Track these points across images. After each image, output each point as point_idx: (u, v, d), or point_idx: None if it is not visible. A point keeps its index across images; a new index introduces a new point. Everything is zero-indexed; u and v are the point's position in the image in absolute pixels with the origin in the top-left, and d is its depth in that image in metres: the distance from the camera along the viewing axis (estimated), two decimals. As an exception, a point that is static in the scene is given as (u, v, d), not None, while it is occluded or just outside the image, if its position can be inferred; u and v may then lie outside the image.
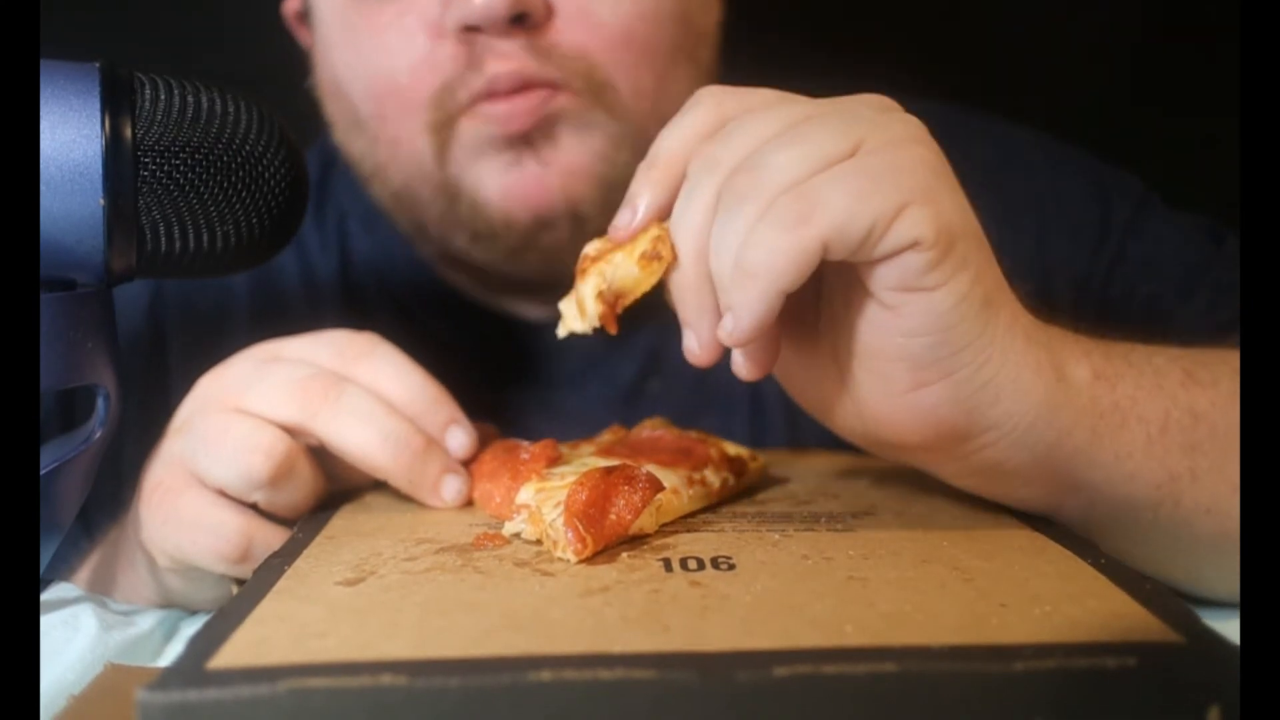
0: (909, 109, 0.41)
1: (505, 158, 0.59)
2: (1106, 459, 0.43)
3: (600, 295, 0.42)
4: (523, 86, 0.57)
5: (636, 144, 0.60)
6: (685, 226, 0.41)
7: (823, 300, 0.43)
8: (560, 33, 0.57)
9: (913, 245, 0.37)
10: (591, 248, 0.44)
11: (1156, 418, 0.44)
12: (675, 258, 0.41)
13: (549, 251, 0.61)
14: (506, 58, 0.57)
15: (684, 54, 0.62)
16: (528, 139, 0.58)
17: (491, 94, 0.57)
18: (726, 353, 0.42)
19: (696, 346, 0.42)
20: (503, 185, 0.59)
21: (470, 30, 0.56)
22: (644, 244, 0.42)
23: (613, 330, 0.43)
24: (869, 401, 0.42)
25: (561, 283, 0.45)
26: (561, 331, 0.44)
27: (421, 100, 0.59)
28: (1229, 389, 0.45)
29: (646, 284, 0.42)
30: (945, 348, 0.39)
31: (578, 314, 0.43)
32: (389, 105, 0.60)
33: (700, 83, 0.62)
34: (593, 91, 0.58)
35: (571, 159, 0.59)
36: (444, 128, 0.59)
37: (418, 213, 0.64)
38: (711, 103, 0.42)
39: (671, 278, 0.42)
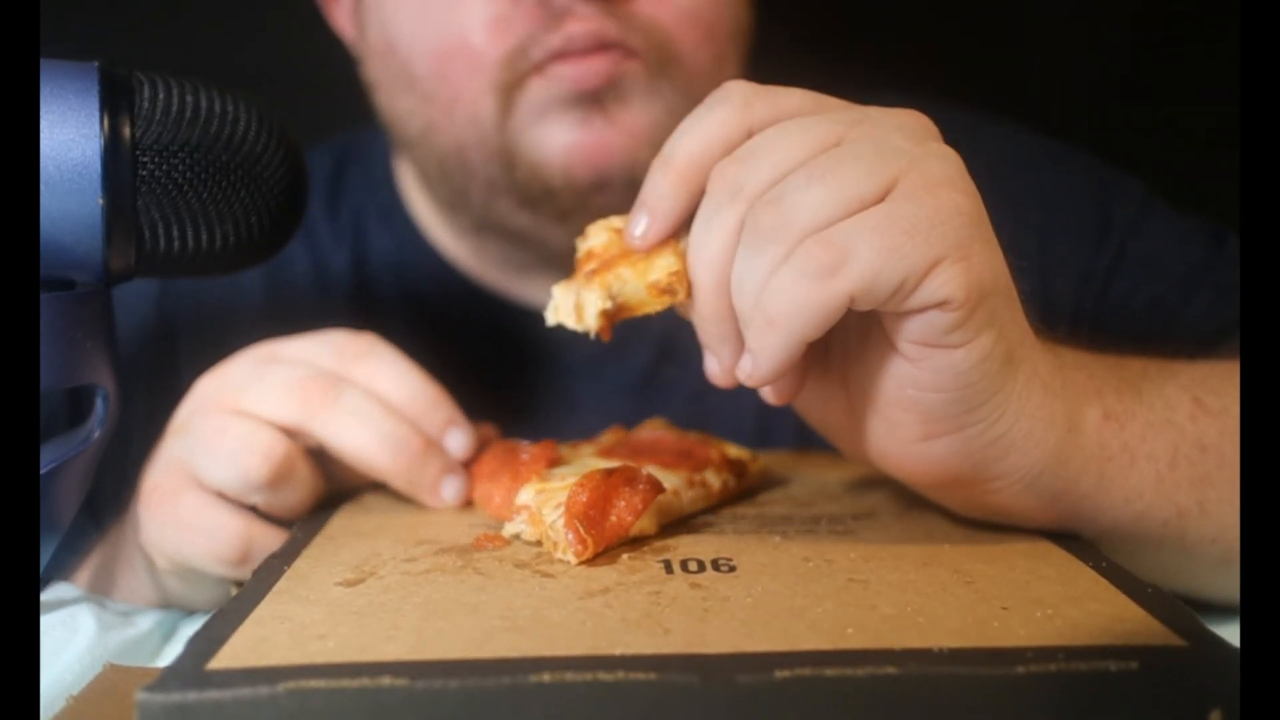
0: (914, 107, 0.41)
1: (573, 116, 0.58)
2: (1115, 502, 0.42)
3: (604, 311, 0.42)
4: (597, 48, 0.57)
5: None
6: (704, 258, 0.40)
7: (835, 329, 0.43)
8: (639, 3, 0.58)
9: (941, 304, 0.36)
10: (596, 241, 0.43)
11: (1165, 454, 0.43)
12: (689, 295, 0.41)
13: (598, 215, 0.61)
14: (585, 19, 0.56)
15: (734, 42, 0.63)
16: (597, 98, 0.58)
17: (565, 54, 0.57)
18: None
19: (719, 371, 0.42)
20: (567, 143, 0.59)
21: None
22: (659, 274, 0.41)
23: (606, 339, 0.43)
24: (876, 442, 0.42)
25: None
26: (550, 319, 0.44)
27: (492, 59, 0.58)
28: (1239, 415, 0.45)
29: (653, 308, 0.42)
30: (961, 404, 0.38)
31: (574, 313, 0.43)
32: (454, 64, 0.59)
33: (740, 69, 0.63)
34: (661, 63, 0.59)
35: (638, 122, 0.59)
36: (512, 88, 0.58)
37: (465, 177, 0.63)
38: (739, 101, 0.40)
39: (692, 307, 0.41)
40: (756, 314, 0.37)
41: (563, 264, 0.65)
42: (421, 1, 0.60)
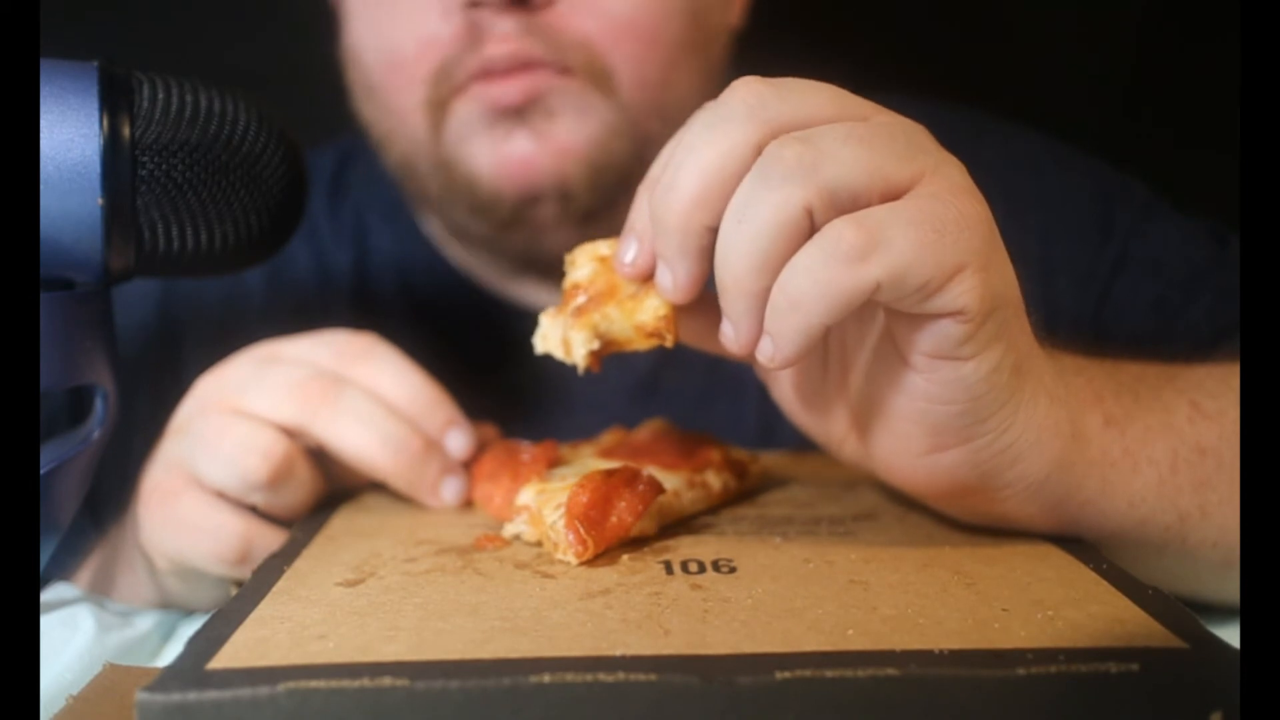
0: (917, 110, 0.41)
1: (497, 132, 0.59)
2: (1119, 507, 0.42)
3: (591, 352, 0.42)
4: (520, 67, 0.57)
5: (634, 134, 0.60)
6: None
7: (835, 344, 0.43)
8: (563, 17, 0.57)
9: (956, 313, 0.35)
10: (583, 273, 0.43)
11: (1166, 458, 0.43)
12: (676, 340, 0.41)
13: (537, 227, 0.62)
14: (505, 40, 0.57)
15: (693, 49, 0.62)
16: (520, 114, 0.58)
17: (487, 74, 0.58)
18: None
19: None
20: (493, 160, 0.60)
21: (473, 6, 0.57)
22: (646, 316, 0.41)
23: (596, 371, 0.43)
24: (882, 456, 0.42)
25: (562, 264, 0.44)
26: (539, 348, 0.43)
27: (421, 76, 0.59)
28: (1236, 418, 0.45)
29: (640, 347, 0.42)
30: (970, 416, 0.38)
31: (561, 347, 0.43)
32: (394, 77, 0.61)
33: (708, 80, 0.62)
34: (592, 78, 0.58)
35: (565, 138, 0.59)
36: (440, 107, 0.60)
37: (418, 184, 0.64)
38: (742, 115, 0.36)
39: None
40: (778, 295, 0.35)
41: (546, 269, 0.66)
42: (372, 15, 0.61)
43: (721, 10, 0.64)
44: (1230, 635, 0.33)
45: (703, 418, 0.60)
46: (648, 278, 0.41)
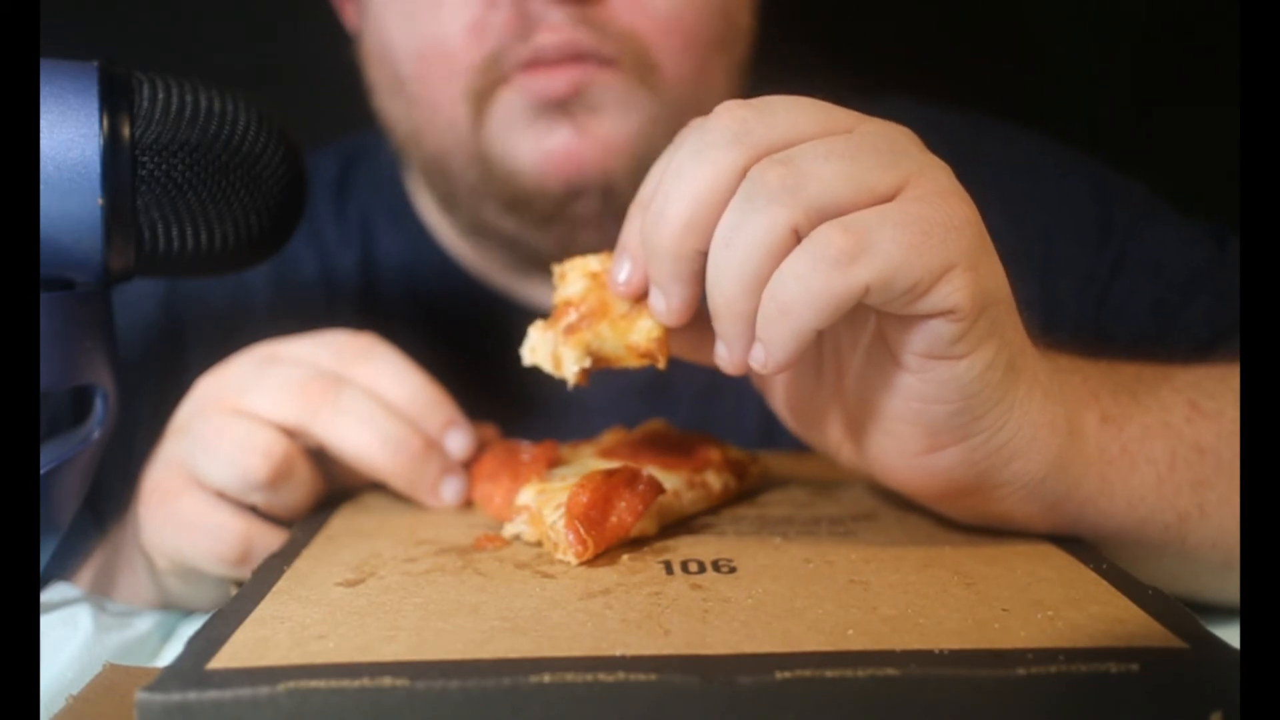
0: (917, 115, 0.41)
1: (541, 125, 0.59)
2: (1119, 507, 0.42)
3: (582, 370, 0.42)
4: (569, 58, 0.57)
5: (675, 128, 0.60)
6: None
7: (830, 347, 0.43)
8: (614, 11, 0.58)
9: (947, 312, 0.35)
10: (574, 289, 0.43)
11: (1164, 457, 0.43)
12: (668, 362, 0.42)
13: (577, 221, 0.61)
14: (556, 29, 0.57)
15: (724, 46, 0.63)
16: (565, 108, 0.58)
17: (536, 63, 0.57)
18: None
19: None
20: (537, 153, 0.59)
21: None
22: (639, 336, 0.42)
23: (584, 385, 0.43)
24: (879, 457, 0.42)
25: None
26: (526, 359, 0.44)
27: (467, 65, 0.59)
28: (1234, 417, 0.45)
29: (631, 365, 0.43)
30: (965, 415, 0.38)
31: (550, 361, 0.43)
32: (433, 68, 0.60)
33: (735, 78, 0.63)
34: (639, 71, 0.59)
35: (610, 132, 0.59)
36: (484, 96, 0.59)
37: (450, 180, 0.64)
38: (728, 139, 0.36)
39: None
40: (769, 302, 0.35)
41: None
42: (409, 4, 0.61)
43: (742, 10, 0.65)
44: (1230, 635, 0.33)
45: (704, 418, 0.61)
46: (641, 297, 0.42)
